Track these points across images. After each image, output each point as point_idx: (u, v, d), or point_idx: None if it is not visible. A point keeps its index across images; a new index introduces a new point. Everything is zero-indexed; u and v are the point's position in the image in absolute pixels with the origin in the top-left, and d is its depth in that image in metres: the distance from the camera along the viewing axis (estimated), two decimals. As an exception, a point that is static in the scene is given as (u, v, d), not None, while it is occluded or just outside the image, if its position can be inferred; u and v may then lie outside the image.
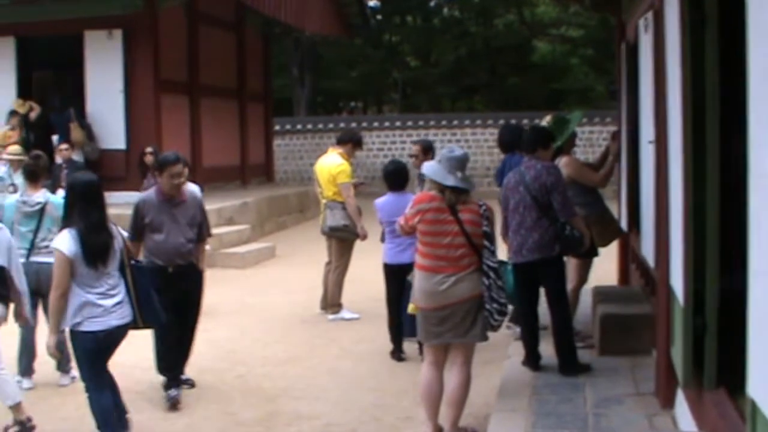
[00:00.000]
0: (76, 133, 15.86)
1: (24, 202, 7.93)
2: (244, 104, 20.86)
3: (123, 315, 6.24)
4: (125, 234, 6.79)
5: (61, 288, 6.11)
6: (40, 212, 7.90)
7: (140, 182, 13.19)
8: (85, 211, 6.18)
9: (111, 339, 6.23)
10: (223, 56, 19.73)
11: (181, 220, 7.61)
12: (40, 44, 17.60)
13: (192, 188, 8.04)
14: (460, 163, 6.30)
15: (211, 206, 15.46)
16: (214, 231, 14.68)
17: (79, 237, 6.09)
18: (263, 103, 22.49)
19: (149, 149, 13.06)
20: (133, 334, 6.49)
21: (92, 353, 6.24)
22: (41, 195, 7.99)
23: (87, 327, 6.12)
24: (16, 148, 13.50)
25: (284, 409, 7.34)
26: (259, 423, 7.04)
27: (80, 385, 7.79)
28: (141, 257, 7.41)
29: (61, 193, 9.11)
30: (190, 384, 7.93)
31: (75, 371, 8.05)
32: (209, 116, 18.54)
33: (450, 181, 6.20)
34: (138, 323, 6.43)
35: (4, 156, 13.34)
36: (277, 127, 25.26)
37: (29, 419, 6.82)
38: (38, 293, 7.85)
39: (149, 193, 7.82)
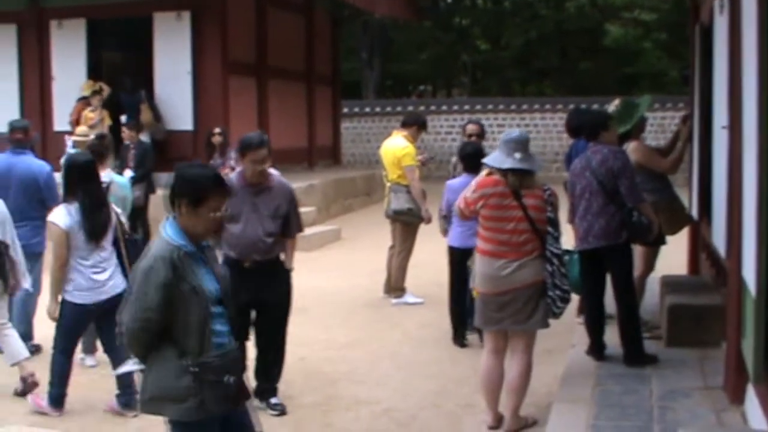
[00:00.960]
0: (145, 114, 15.95)
1: (88, 182, 7.98)
2: (312, 87, 20.84)
3: (111, 288, 6.65)
4: (118, 210, 7.09)
5: (60, 259, 6.57)
6: (105, 192, 7.92)
7: (207, 163, 13.26)
8: (87, 189, 6.63)
9: (100, 311, 6.64)
10: (291, 39, 19.70)
11: (263, 210, 6.74)
12: (109, 26, 17.76)
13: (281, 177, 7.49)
14: (518, 144, 6.18)
15: (276, 188, 15.55)
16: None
17: (81, 212, 6.54)
18: (331, 86, 22.45)
19: (217, 130, 13.11)
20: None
21: (74, 322, 6.76)
22: (106, 175, 8.01)
23: (75, 299, 6.63)
24: (83, 129, 13.65)
25: (344, 393, 7.31)
26: (318, 407, 7.02)
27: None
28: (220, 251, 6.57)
29: (128, 173, 9.21)
30: (280, 410, 6.88)
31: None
32: (277, 98, 18.55)
33: (507, 163, 6.10)
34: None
35: (73, 137, 13.50)
36: (345, 110, 25.25)
37: (32, 375, 7.16)
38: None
39: (229, 177, 6.83)
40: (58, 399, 6.86)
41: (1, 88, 18.18)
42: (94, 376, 7.80)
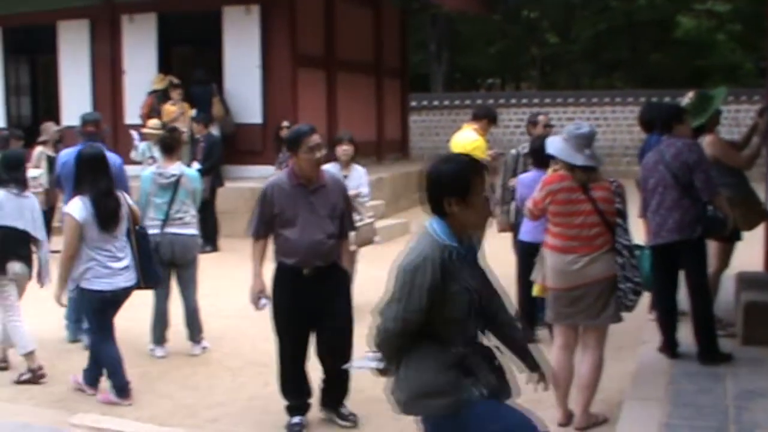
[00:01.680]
0: (217, 107, 16.07)
1: (159, 174, 8.06)
2: (381, 80, 20.83)
3: (129, 278, 6.95)
4: (131, 202, 7.29)
5: (70, 250, 6.77)
6: (175, 184, 8.01)
7: (275, 156, 13.34)
8: (95, 180, 6.86)
9: (116, 298, 6.91)
10: (360, 31, 19.70)
11: (321, 211, 6.23)
12: (179, 21, 17.91)
13: (333, 171, 7.50)
14: (588, 140, 6.11)
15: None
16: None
17: (91, 203, 6.76)
18: (400, 78, 22.41)
19: (285, 123, 13.17)
20: (260, 313, 6.64)
21: (98, 310, 6.94)
22: (176, 167, 8.10)
23: (94, 285, 6.81)
24: (155, 122, 13.80)
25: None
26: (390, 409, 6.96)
27: (212, 356, 8.02)
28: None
29: (195, 165, 9.26)
30: (352, 421, 6.55)
31: (206, 342, 8.23)
32: (345, 91, 18.56)
33: (579, 160, 6.02)
34: (140, 284, 7.12)
35: (143, 129, 13.64)
36: (413, 103, 25.19)
37: (40, 367, 7.45)
38: (172, 263, 8.04)
39: (279, 176, 6.51)
40: (121, 388, 6.99)
41: (74, 82, 18.48)
42: (163, 366, 7.88)
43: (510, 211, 9.32)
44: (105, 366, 7.03)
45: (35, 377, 7.44)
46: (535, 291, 6.50)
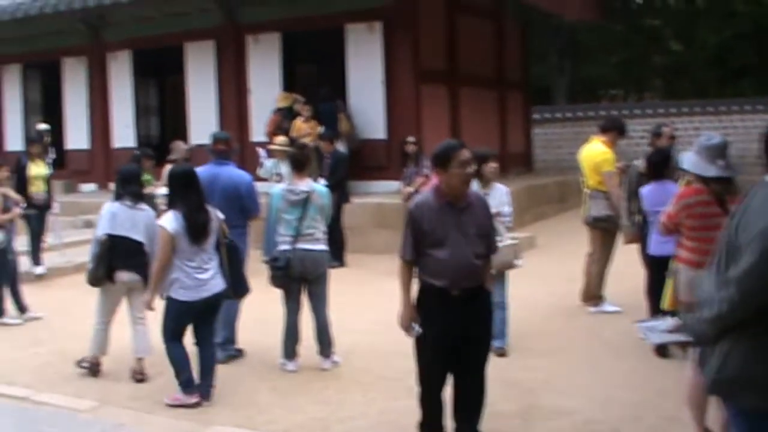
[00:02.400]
0: (344, 123, 16.21)
1: (290, 191, 8.15)
2: (503, 93, 20.73)
3: (213, 287, 7.29)
4: (221, 215, 7.57)
5: (162, 260, 7.22)
6: (305, 201, 8.09)
7: (400, 171, 13.39)
8: (186, 196, 7.26)
9: (200, 307, 7.27)
10: (481, 45, 19.66)
11: (470, 230, 5.90)
12: (303, 39, 18.16)
13: (476, 189, 7.37)
14: (720, 151, 5.95)
15: (469, 195, 15.50)
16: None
17: (183, 218, 7.13)
18: (522, 91, 22.28)
19: (411, 139, 13.18)
20: (389, 327, 6.65)
21: (177, 317, 7.31)
22: (306, 184, 8.19)
23: (179, 296, 7.20)
24: (282, 139, 14.00)
25: (543, 403, 7.19)
26: (517, 416, 6.92)
27: (342, 370, 8.09)
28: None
29: (322, 182, 9.34)
30: None
31: (337, 357, 8.29)
32: (468, 105, 18.53)
33: (712, 171, 5.88)
34: (230, 294, 7.56)
35: (271, 147, 13.85)
36: (535, 116, 24.99)
37: (98, 364, 8.26)
38: (303, 278, 8.12)
39: (424, 195, 6.13)
40: (187, 383, 7.37)
41: (200, 102, 18.93)
42: (294, 380, 7.96)
43: (636, 223, 9.21)
44: (173, 365, 7.43)
45: (92, 372, 8.24)
46: (666, 304, 6.36)
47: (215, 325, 7.79)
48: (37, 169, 13.31)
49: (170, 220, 7.21)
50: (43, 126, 17.79)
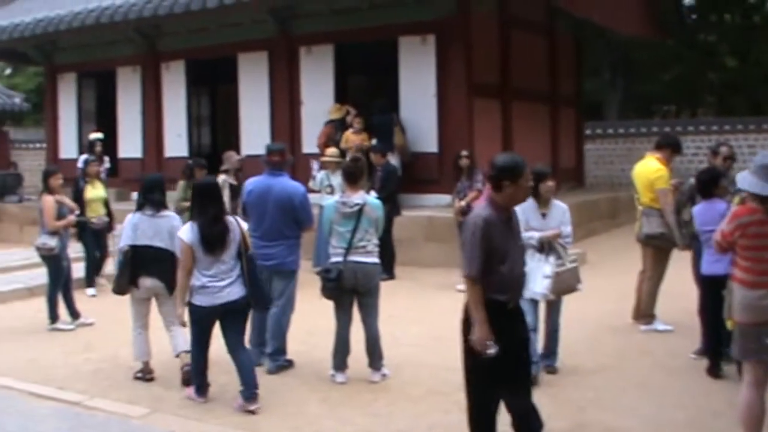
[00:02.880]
0: (398, 137, 16.23)
1: (343, 203, 8.16)
2: (556, 108, 20.64)
3: (229, 294, 7.44)
4: (245, 226, 7.80)
5: (184, 269, 7.48)
6: (358, 213, 8.09)
7: (452, 185, 13.36)
8: (203, 208, 7.48)
9: (218, 313, 7.49)
10: (534, 59, 19.59)
11: (518, 241, 6.02)
12: (355, 51, 18.22)
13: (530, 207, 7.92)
14: (776, 170, 5.88)
15: (520, 210, 15.43)
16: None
17: (198, 228, 7.38)
18: (574, 106, 22.16)
19: (464, 153, 13.13)
20: (439, 341, 6.64)
21: (196, 321, 7.56)
22: (359, 197, 8.19)
23: (196, 301, 7.47)
24: (333, 151, 14.03)
25: (593, 421, 7.12)
26: (569, 433, 6.87)
27: (391, 383, 8.08)
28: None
29: (373, 194, 9.35)
30: None
31: (386, 369, 8.28)
32: (520, 120, 18.45)
33: None
34: (251, 303, 7.67)
35: (323, 158, 13.89)
36: (587, 132, 24.84)
37: (150, 371, 8.51)
38: (355, 290, 8.13)
39: (484, 210, 5.78)
40: (198, 388, 7.77)
41: (253, 112, 19.07)
42: (344, 392, 7.96)
43: (686, 235, 9.22)
44: (192, 366, 7.80)
45: (145, 378, 8.45)
46: (729, 324, 6.29)
47: (243, 336, 7.81)
48: (95, 191, 13.23)
49: (187, 231, 7.49)
50: (95, 135, 18.05)
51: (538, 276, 7.84)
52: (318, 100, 17.89)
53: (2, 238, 20.31)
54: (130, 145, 21.42)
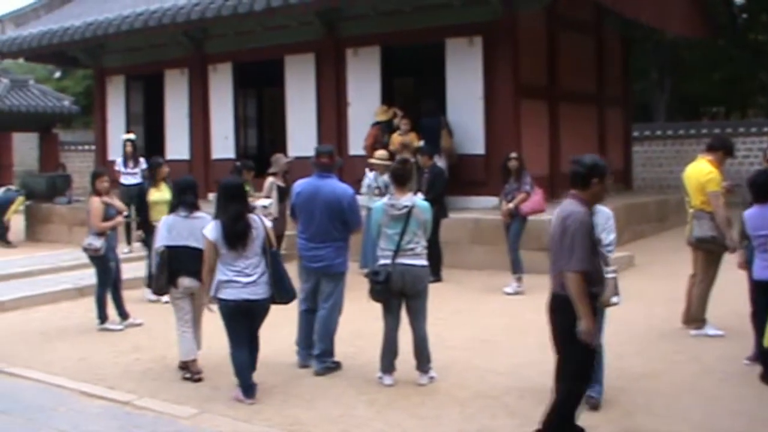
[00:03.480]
0: (445, 139, 16.21)
1: (392, 206, 8.14)
2: (603, 109, 20.46)
3: (254, 292, 7.74)
4: (269, 224, 8.17)
5: (208, 265, 7.87)
6: (407, 216, 8.06)
7: (500, 187, 13.30)
8: (226, 206, 7.81)
9: (242, 308, 7.76)
10: (581, 60, 19.44)
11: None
12: (402, 53, 18.20)
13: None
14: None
15: (567, 213, 15.31)
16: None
17: (221, 227, 7.71)
18: (622, 108, 21.96)
19: (513, 155, 13.08)
20: (486, 344, 6.58)
21: (227, 317, 7.86)
22: (408, 199, 8.17)
23: (223, 295, 7.77)
24: (382, 153, 14.04)
25: (643, 427, 7.03)
26: (621, 439, 6.78)
27: (439, 386, 8.07)
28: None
29: (420, 197, 9.31)
30: None
31: (434, 372, 8.26)
32: (568, 121, 18.32)
33: None
34: (275, 299, 7.92)
35: (371, 160, 13.89)
36: (635, 133, 24.61)
37: (199, 372, 8.60)
38: (403, 293, 8.11)
39: (576, 206, 6.18)
40: (246, 388, 7.87)
41: (299, 114, 19.13)
42: (391, 394, 7.94)
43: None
44: (234, 367, 7.93)
45: (193, 379, 8.56)
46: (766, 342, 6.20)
47: (256, 331, 8.12)
48: (159, 194, 13.11)
49: (211, 229, 7.84)
50: (127, 136, 18.20)
51: None
52: (365, 102, 17.90)
53: (52, 239, 20.54)
54: (177, 147, 21.56)
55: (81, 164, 30.88)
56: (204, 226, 8.27)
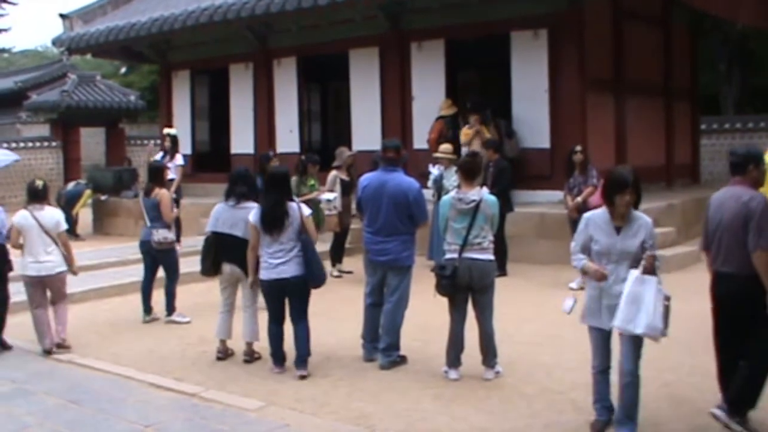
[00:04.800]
0: (492, 134, 16.16)
1: (459, 200, 8.08)
2: (670, 102, 20.13)
3: (284, 271, 8.35)
4: (307, 212, 8.59)
5: (251, 245, 8.61)
6: (474, 210, 8.00)
7: (565, 181, 13.18)
8: (267, 194, 8.55)
9: (273, 287, 8.46)
10: (648, 52, 19.14)
11: None
12: (466, 46, 18.11)
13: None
14: None
15: (635, 207, 15.11)
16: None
17: (261, 211, 8.43)
18: (689, 100, 21.60)
19: (578, 148, 12.96)
20: (553, 339, 6.49)
21: (263, 293, 8.69)
22: (476, 192, 8.10)
23: (260, 275, 8.57)
24: (447, 147, 13.98)
25: (714, 424, 6.90)
26: (688, 436, 6.67)
27: (505, 381, 8.02)
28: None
29: (485, 190, 9.24)
30: None
31: (500, 367, 8.21)
32: (634, 114, 18.05)
33: None
34: (308, 281, 8.47)
35: (436, 154, 13.84)
36: (703, 126, 24.24)
37: (255, 352, 9.13)
38: (470, 288, 8.06)
39: (748, 190, 6.68)
40: (274, 360, 8.65)
41: (364, 108, 19.14)
42: (457, 389, 7.89)
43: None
44: (269, 337, 8.67)
45: (219, 357, 9.20)
46: None
47: (303, 309, 8.60)
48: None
49: (254, 214, 8.52)
50: (168, 130, 18.29)
51: (651, 304, 6.35)
52: (429, 96, 17.85)
53: (119, 232, 20.84)
54: (242, 141, 21.70)
55: (147, 159, 31.28)
56: (247, 216, 8.67)
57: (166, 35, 21.37)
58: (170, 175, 16.92)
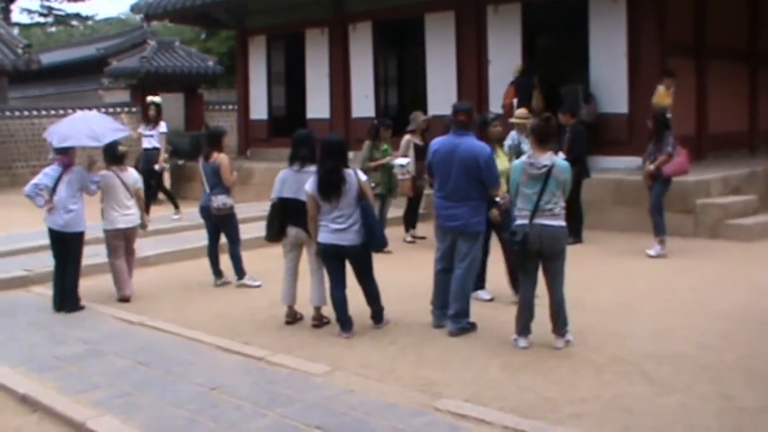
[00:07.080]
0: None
1: (531, 164, 7.90)
2: (754, 67, 19.56)
3: (343, 238, 8.49)
4: (364, 178, 8.70)
5: (310, 213, 8.66)
6: (546, 175, 7.81)
7: (644, 147, 12.92)
8: (323, 161, 8.57)
9: (330, 250, 8.59)
10: (732, 16, 18.60)
11: None
12: (543, 10, 17.80)
13: None
14: None
15: (715, 174, 14.77)
16: (719, 200, 14.02)
17: (318, 178, 8.47)
18: (775, 65, 21.01)
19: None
20: (626, 308, 6.34)
21: (322, 257, 8.79)
22: (548, 158, 7.91)
23: (320, 239, 8.63)
24: (522, 111, 13.78)
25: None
26: (763, 412, 6.41)
27: (575, 350, 7.90)
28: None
29: (561, 156, 9.06)
30: None
31: (570, 336, 8.06)
32: (716, 80, 17.59)
33: None
34: (369, 247, 8.65)
35: (512, 120, 13.65)
36: (787, 92, 23.53)
37: (322, 317, 9.15)
38: (540, 254, 7.91)
39: None
40: (343, 323, 8.72)
41: (439, 73, 19.01)
42: (526, 357, 7.77)
43: None
44: (332, 303, 8.77)
45: (285, 321, 9.28)
46: None
47: (369, 270, 8.81)
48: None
49: (311, 182, 8.57)
50: (152, 98, 18.16)
51: None
52: (505, 60, 17.62)
53: (195, 197, 20.98)
54: (318, 106, 21.72)
55: (225, 123, 31.30)
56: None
57: (243, 1, 21.42)
58: (154, 143, 16.96)
